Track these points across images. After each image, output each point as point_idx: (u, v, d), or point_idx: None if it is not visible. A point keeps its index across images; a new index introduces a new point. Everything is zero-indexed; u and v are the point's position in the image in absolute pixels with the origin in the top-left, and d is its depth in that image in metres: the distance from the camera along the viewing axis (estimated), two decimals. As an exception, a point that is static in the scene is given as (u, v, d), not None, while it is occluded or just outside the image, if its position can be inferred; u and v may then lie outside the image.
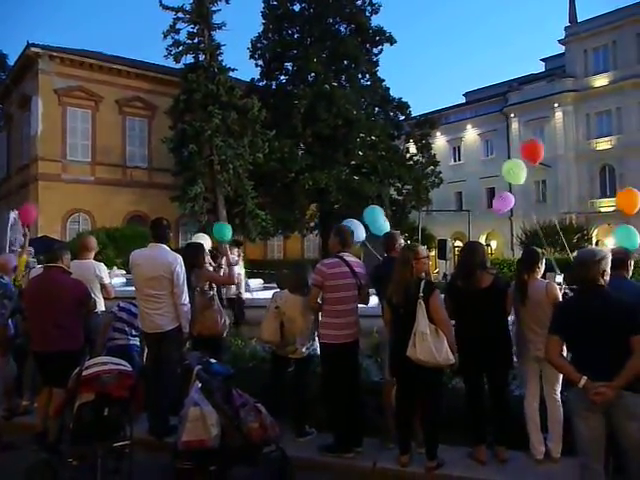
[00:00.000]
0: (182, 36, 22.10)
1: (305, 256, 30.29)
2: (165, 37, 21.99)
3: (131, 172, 26.03)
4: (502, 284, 4.34)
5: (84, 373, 3.71)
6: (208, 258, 5.74)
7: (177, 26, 22.01)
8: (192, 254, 5.23)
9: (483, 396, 4.34)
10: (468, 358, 4.14)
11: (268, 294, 6.26)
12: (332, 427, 4.56)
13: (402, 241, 5.01)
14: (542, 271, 4.41)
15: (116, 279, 7.91)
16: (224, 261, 5.56)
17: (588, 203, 32.97)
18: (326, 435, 4.61)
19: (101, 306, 5.76)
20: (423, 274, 4.22)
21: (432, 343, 3.89)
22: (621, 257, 4.15)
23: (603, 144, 32.67)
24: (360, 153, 26.74)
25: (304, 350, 4.86)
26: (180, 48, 22.02)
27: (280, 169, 24.41)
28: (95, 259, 6.06)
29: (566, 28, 34.55)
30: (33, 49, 23.37)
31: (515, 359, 4.41)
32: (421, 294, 4.00)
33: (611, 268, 4.13)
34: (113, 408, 3.76)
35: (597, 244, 27.49)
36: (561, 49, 35.60)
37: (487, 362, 4.22)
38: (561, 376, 4.23)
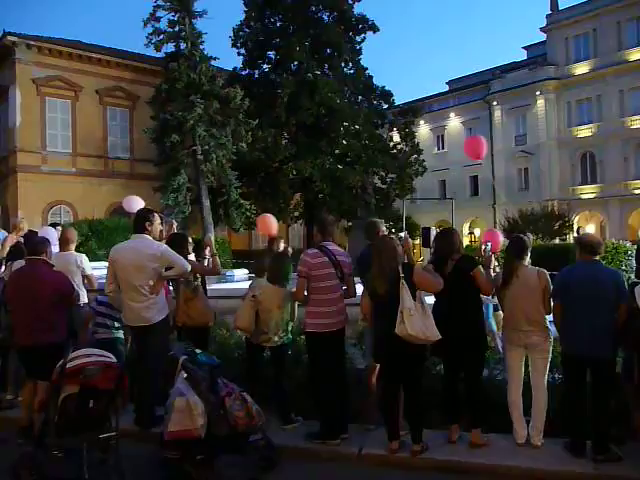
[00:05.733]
0: (163, 24, 21.76)
1: (290, 245, 30.24)
2: (145, 25, 21.62)
3: (113, 163, 25.72)
4: (464, 266, 4.33)
5: (68, 365, 3.70)
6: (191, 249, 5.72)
7: (157, 14, 21.63)
8: (176, 244, 5.20)
9: (456, 379, 4.43)
10: (442, 341, 4.21)
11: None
12: (318, 414, 4.61)
13: (384, 228, 5.06)
14: (529, 258, 4.45)
15: (98, 271, 7.84)
16: (208, 251, 5.55)
17: (569, 190, 33.35)
18: (312, 423, 4.66)
19: (84, 298, 5.73)
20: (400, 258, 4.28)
21: (420, 318, 3.96)
22: (592, 242, 4.27)
23: (584, 131, 32.99)
24: (344, 142, 26.70)
25: (276, 339, 4.89)
26: (161, 36, 21.68)
27: (264, 159, 24.29)
28: (77, 251, 6.02)
29: (547, 16, 34.69)
30: (9, 38, 22.83)
31: (500, 344, 4.48)
32: (402, 274, 4.08)
33: (582, 253, 4.26)
34: (98, 400, 3.75)
35: (578, 230, 27.82)
36: (543, 37, 35.80)
37: (457, 346, 4.25)
38: (549, 363, 4.33)
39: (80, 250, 6.24)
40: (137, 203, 7.46)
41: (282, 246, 5.91)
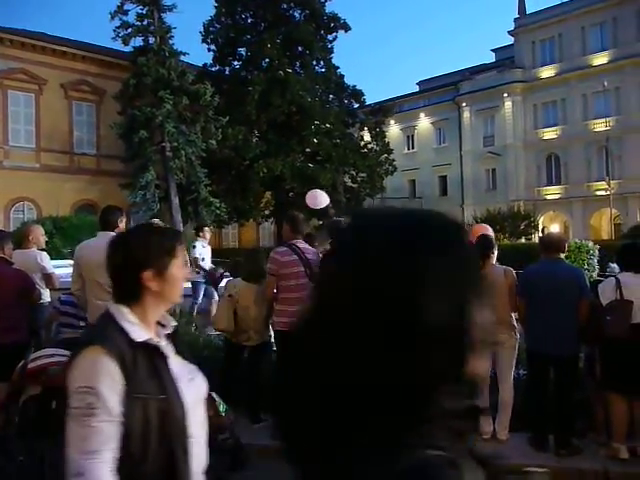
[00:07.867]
0: (131, 17, 21.37)
1: (260, 244, 30.13)
2: (112, 18, 21.18)
3: (79, 159, 25.13)
4: None
5: (29, 366, 3.59)
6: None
7: (125, 6, 21.24)
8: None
9: None
10: None
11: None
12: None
13: None
14: (496, 256, 4.52)
15: (62, 269, 7.63)
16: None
17: (535, 190, 34.10)
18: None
19: (47, 297, 5.57)
20: None
21: None
22: (555, 241, 4.40)
23: (549, 133, 33.80)
24: (315, 140, 26.71)
25: (256, 337, 4.85)
26: (129, 30, 21.28)
27: (234, 156, 24.12)
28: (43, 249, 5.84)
29: (515, 20, 35.41)
30: (-31, 28, 22.16)
31: None
32: None
33: (545, 250, 4.36)
34: (61, 401, 3.65)
35: (543, 230, 28.50)
36: (511, 40, 36.49)
37: None
38: (515, 360, 4.40)
39: (44, 248, 6.04)
40: (323, 198, 6.93)
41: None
